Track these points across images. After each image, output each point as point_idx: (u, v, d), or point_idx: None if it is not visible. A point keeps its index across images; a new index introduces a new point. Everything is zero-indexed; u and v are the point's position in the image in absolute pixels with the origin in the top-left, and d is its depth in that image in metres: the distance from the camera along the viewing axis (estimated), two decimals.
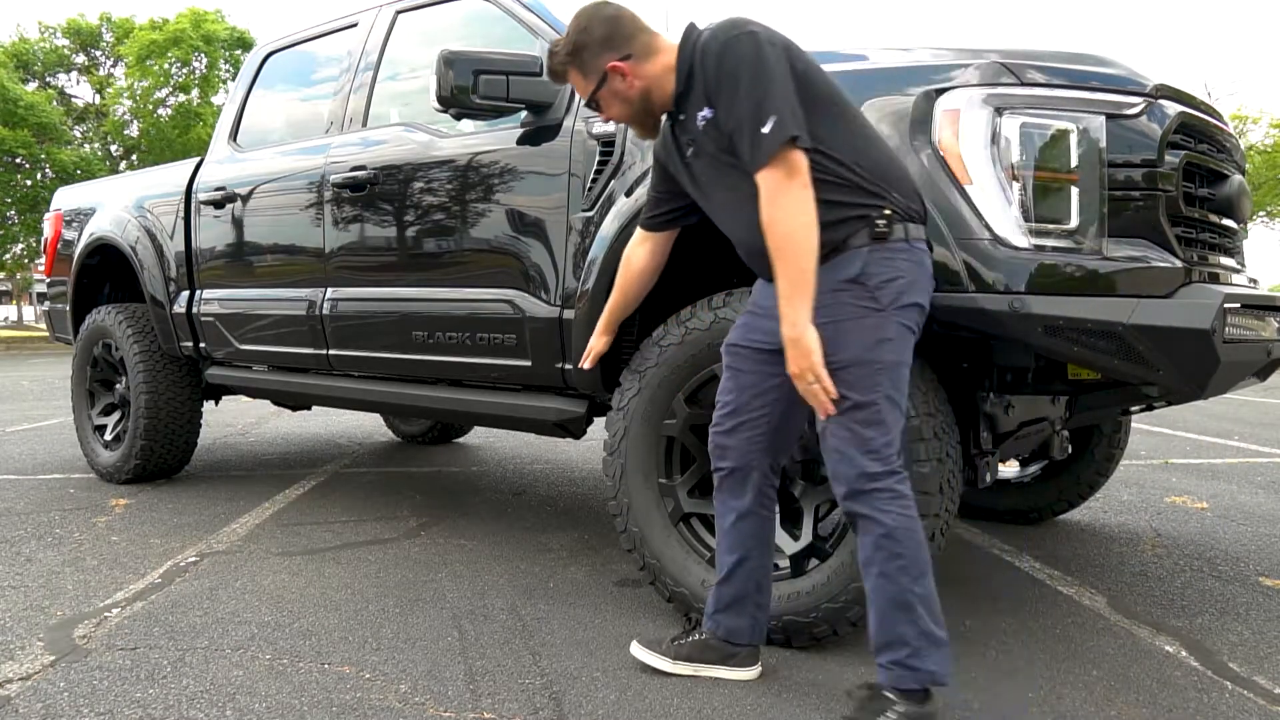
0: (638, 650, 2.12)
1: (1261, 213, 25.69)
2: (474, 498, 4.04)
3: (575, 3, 3.06)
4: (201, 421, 4.36)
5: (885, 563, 1.76)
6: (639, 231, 2.24)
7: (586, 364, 2.39)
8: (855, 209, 1.79)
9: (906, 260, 1.81)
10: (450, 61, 2.55)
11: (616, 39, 1.95)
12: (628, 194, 2.48)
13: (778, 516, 2.31)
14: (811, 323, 1.75)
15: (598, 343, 2.35)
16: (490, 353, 2.89)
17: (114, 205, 4.48)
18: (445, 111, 2.67)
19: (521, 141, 2.79)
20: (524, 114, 2.74)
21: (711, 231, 2.12)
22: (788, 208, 1.73)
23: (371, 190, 3.20)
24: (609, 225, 2.51)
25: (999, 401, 2.36)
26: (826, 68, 2.28)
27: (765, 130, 1.73)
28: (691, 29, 1.91)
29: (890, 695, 1.76)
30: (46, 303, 5.15)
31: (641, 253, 2.22)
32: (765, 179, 1.75)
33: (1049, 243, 1.99)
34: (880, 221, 1.78)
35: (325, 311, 3.41)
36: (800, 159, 1.74)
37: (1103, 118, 2.00)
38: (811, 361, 1.74)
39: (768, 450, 1.99)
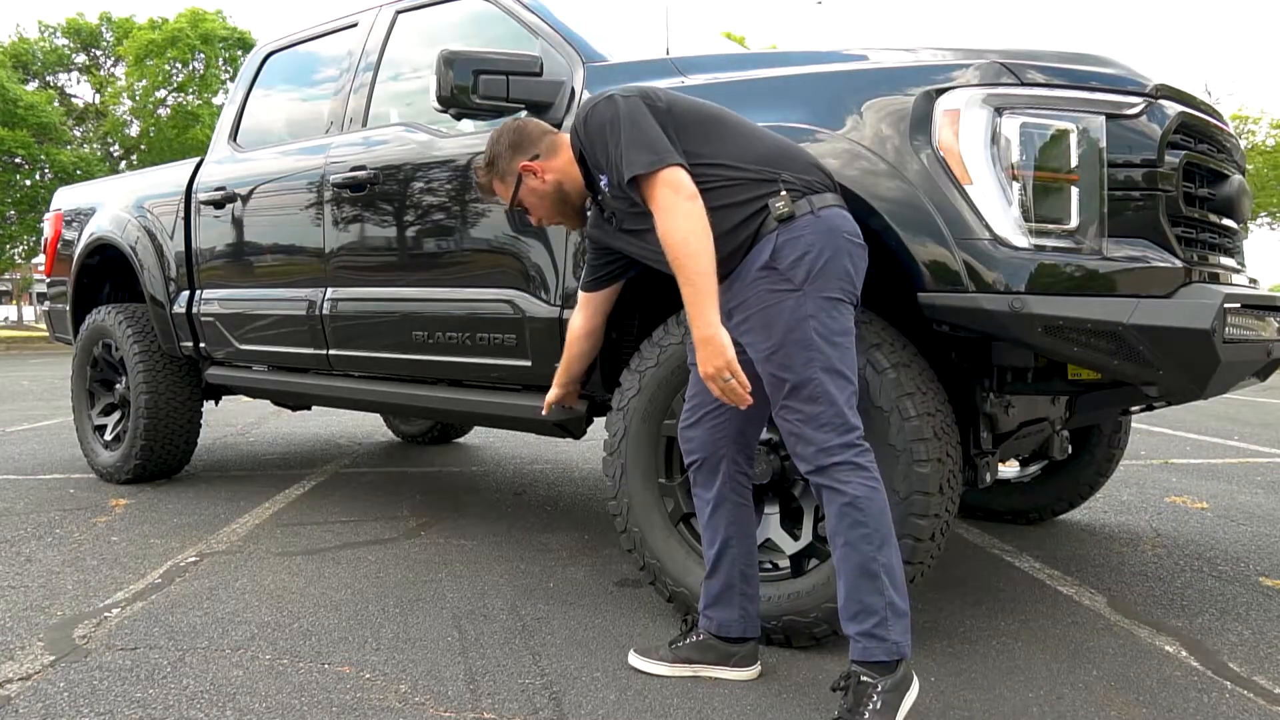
0: (635, 660, 2.13)
1: (1264, 214, 25.60)
2: (474, 498, 4.04)
3: (575, 2, 3.09)
4: (201, 421, 4.36)
5: (849, 531, 1.81)
6: (580, 296, 2.35)
7: (544, 411, 2.54)
8: (753, 202, 1.86)
9: (813, 232, 1.84)
10: (450, 61, 2.54)
11: (523, 143, 2.12)
12: None
13: (776, 516, 2.33)
14: (738, 315, 1.84)
15: (553, 394, 2.49)
16: (490, 353, 2.89)
17: (114, 205, 4.48)
18: (445, 111, 2.67)
19: None
20: (524, 114, 2.74)
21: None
22: (675, 219, 1.81)
23: (371, 190, 3.20)
24: None
25: (999, 401, 2.36)
26: (828, 67, 2.30)
27: (637, 168, 1.83)
28: None
29: (867, 678, 1.77)
30: (46, 303, 5.15)
31: (580, 320, 2.36)
32: (653, 204, 1.84)
33: (1049, 243, 1.99)
34: (779, 204, 1.84)
35: (325, 311, 3.41)
36: (678, 175, 1.82)
37: (1103, 118, 2.00)
38: (725, 360, 1.79)
39: (735, 438, 2.04)
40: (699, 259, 1.80)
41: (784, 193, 1.85)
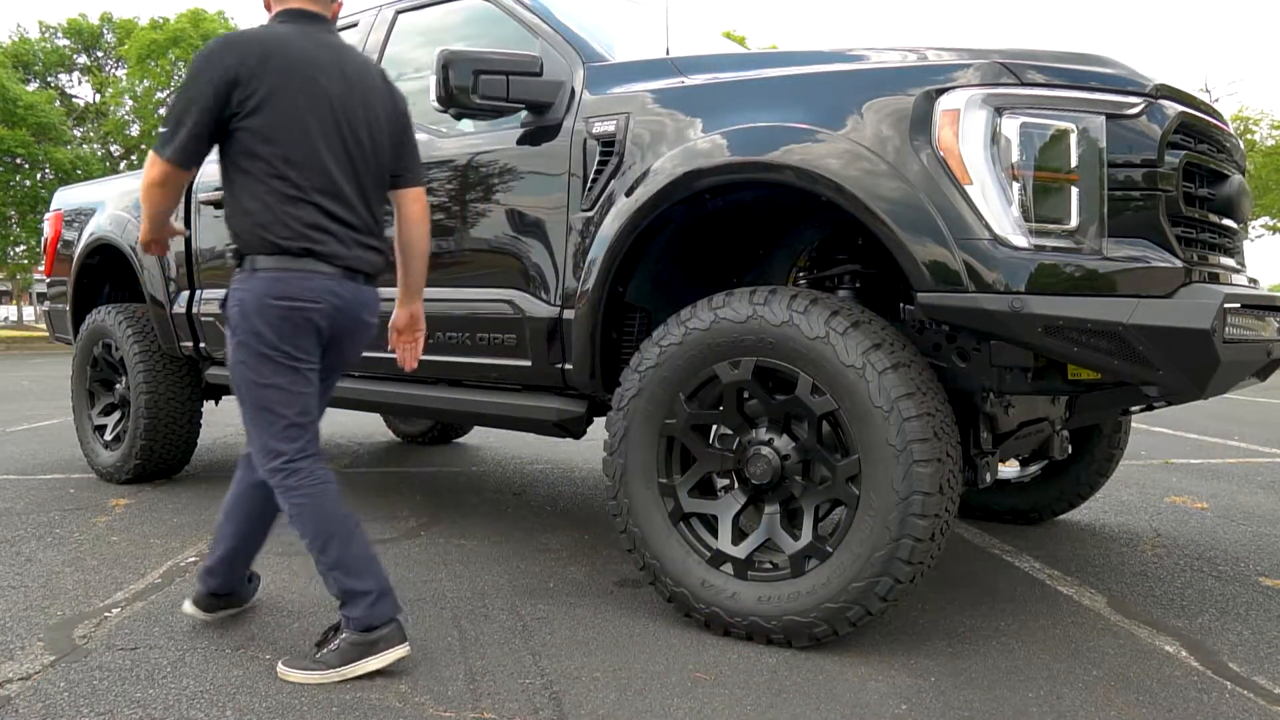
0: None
1: (1266, 216, 25.45)
2: (474, 498, 4.04)
3: (575, 3, 3.09)
4: (201, 421, 4.36)
5: (303, 540, 2.09)
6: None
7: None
8: (245, 230, 2.09)
9: (243, 290, 2.04)
10: (450, 61, 2.55)
11: None
12: (628, 194, 2.48)
13: (776, 516, 2.32)
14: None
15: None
16: (490, 352, 2.89)
17: (114, 205, 4.48)
18: (445, 111, 2.67)
19: (521, 141, 2.78)
20: (524, 114, 2.74)
21: (716, 233, 2.08)
22: (149, 189, 2.06)
23: None
24: (609, 225, 2.51)
25: (999, 401, 2.36)
26: (828, 68, 2.30)
27: (161, 129, 2.05)
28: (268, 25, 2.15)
29: (345, 629, 2.06)
30: (46, 303, 5.15)
31: None
32: (149, 163, 2.04)
33: (1049, 243, 1.99)
34: (241, 249, 2.08)
35: None
36: (163, 169, 2.01)
37: (1103, 118, 2.00)
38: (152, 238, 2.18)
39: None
40: (150, 208, 2.11)
41: (245, 241, 2.05)
